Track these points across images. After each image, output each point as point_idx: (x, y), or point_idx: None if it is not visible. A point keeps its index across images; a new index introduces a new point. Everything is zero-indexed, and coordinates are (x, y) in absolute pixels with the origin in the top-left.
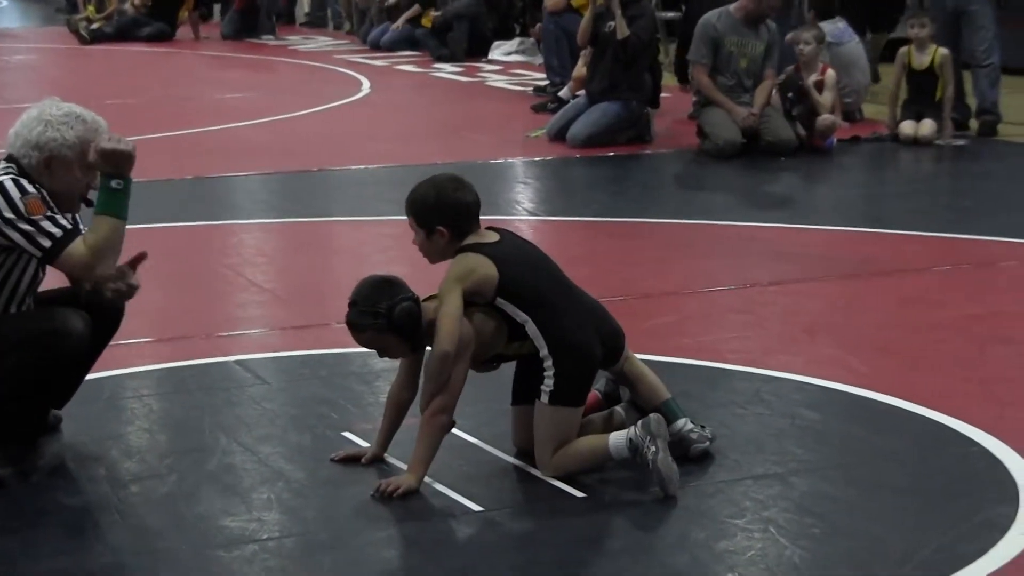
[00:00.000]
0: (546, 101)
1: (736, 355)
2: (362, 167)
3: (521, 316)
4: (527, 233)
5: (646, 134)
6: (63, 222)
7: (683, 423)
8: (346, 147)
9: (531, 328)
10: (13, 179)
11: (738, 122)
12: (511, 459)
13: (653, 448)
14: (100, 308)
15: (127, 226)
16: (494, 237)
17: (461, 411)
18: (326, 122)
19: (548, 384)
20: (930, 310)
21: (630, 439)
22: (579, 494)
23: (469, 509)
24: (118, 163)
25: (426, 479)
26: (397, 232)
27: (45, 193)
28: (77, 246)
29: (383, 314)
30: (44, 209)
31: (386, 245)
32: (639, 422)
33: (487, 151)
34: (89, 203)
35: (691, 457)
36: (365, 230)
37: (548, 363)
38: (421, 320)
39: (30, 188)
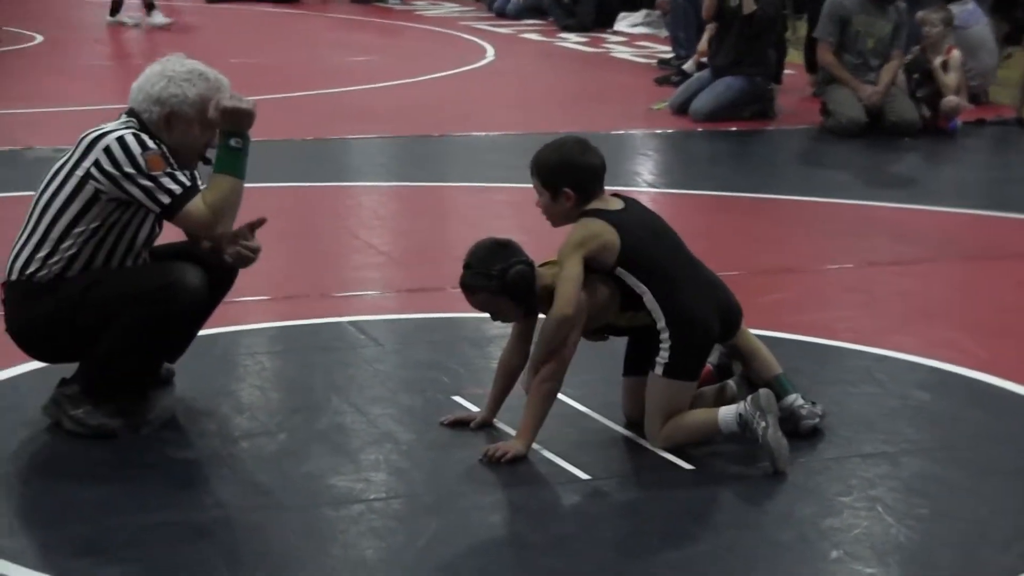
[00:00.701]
0: (670, 74)
1: (850, 334)
2: (483, 134)
3: (640, 287)
4: (647, 205)
5: (769, 110)
6: (182, 179)
7: (793, 399)
8: (468, 113)
9: (648, 299)
10: (134, 133)
11: (863, 101)
12: (620, 429)
13: (763, 423)
14: (217, 264)
15: (245, 184)
16: (619, 204)
17: (571, 380)
18: (449, 88)
19: (663, 356)
20: None
21: (740, 414)
22: (687, 466)
23: (576, 477)
24: (238, 121)
25: (534, 446)
26: (515, 199)
27: (165, 149)
28: (196, 204)
29: (496, 276)
30: (164, 165)
31: (503, 212)
32: (749, 397)
33: (610, 122)
34: (207, 161)
35: (800, 433)
36: (483, 196)
37: (664, 335)
38: (535, 284)
39: (150, 143)
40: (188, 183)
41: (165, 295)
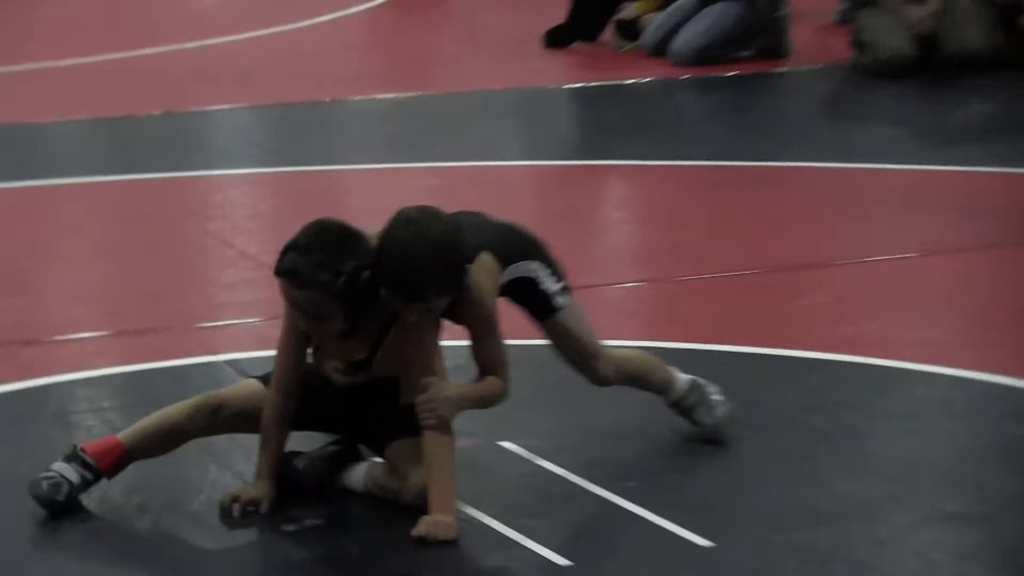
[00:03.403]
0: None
1: (914, 349)
2: (390, 96)
3: None
4: (615, 184)
5: (779, 45)
6: None
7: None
8: (367, 70)
9: None
10: None
11: (908, 27)
12: (597, 489)
13: (718, 396)
14: None
15: (66, 181)
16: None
17: (520, 427)
18: (339, 36)
19: (551, 286)
20: None
21: (694, 379)
22: (703, 542)
23: (551, 564)
24: None
25: (480, 518)
26: (435, 184)
27: None
28: None
29: (347, 276)
30: None
31: (422, 200)
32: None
33: (557, 72)
34: None
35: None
36: (394, 181)
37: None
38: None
39: None
40: None
41: None
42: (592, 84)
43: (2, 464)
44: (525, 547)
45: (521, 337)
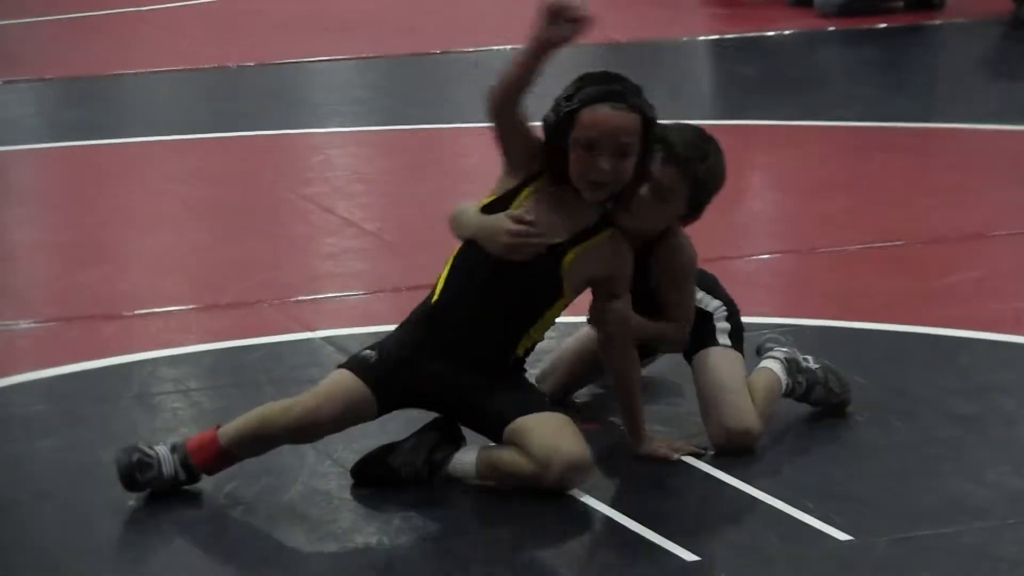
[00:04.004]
0: None
1: None
2: (504, 47)
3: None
4: (754, 145)
5: None
6: None
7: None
8: (479, 19)
9: None
10: None
11: None
12: (706, 467)
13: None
14: None
15: (149, 139)
16: None
17: None
18: None
19: (723, 323)
20: None
21: (785, 359)
22: (841, 535)
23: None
24: None
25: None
26: None
27: None
28: None
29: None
30: None
31: None
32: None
33: (689, 22)
34: None
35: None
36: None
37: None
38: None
39: None
40: None
41: None
42: (728, 36)
43: (82, 447)
44: (653, 543)
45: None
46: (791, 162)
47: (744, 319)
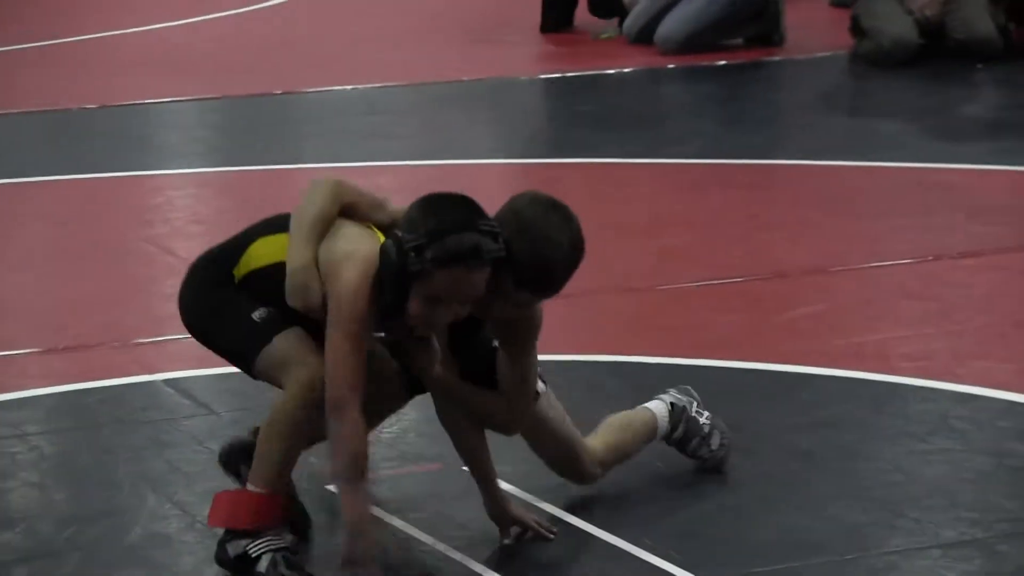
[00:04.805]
0: None
1: (913, 363)
2: (347, 88)
3: None
4: (593, 182)
5: (774, 31)
6: None
7: None
8: (321, 57)
9: None
10: None
11: (912, 12)
12: (549, 507)
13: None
14: None
15: None
16: None
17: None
18: (292, 19)
19: None
20: None
21: (672, 403)
22: (683, 574)
23: None
24: None
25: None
26: (393, 184)
27: None
28: None
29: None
30: None
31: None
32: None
33: (527, 62)
34: None
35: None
36: (359, 181)
37: None
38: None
39: None
40: None
41: None
42: (569, 74)
43: None
44: None
45: None
46: (630, 199)
47: (584, 357)
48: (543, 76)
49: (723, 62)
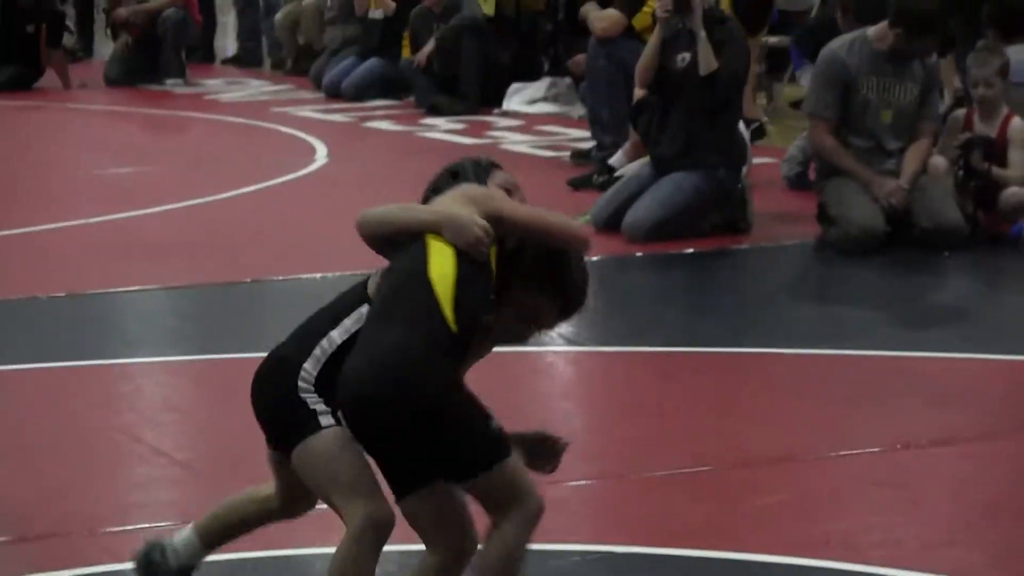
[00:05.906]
0: (591, 173)
1: (883, 552)
2: (316, 276)
3: None
4: (564, 369)
5: (741, 218)
6: None
7: None
8: (293, 246)
9: None
10: None
11: (880, 200)
12: None
13: None
14: None
15: None
16: None
17: None
18: (262, 209)
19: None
20: None
21: None
22: None
23: None
24: None
25: None
26: None
27: None
28: None
29: None
30: None
31: None
32: None
33: None
34: None
35: None
36: None
37: None
38: None
39: None
40: None
41: None
42: None
43: None
44: None
45: None
46: (598, 388)
47: (553, 546)
48: None
49: (690, 250)
